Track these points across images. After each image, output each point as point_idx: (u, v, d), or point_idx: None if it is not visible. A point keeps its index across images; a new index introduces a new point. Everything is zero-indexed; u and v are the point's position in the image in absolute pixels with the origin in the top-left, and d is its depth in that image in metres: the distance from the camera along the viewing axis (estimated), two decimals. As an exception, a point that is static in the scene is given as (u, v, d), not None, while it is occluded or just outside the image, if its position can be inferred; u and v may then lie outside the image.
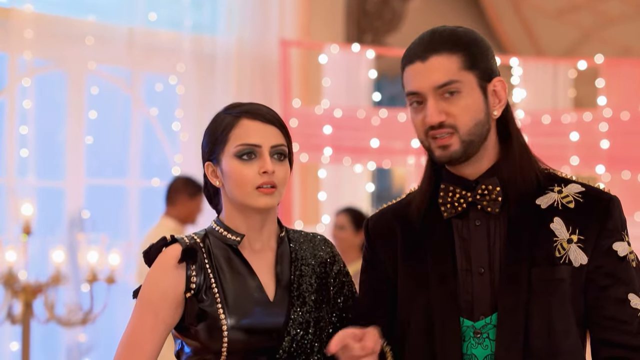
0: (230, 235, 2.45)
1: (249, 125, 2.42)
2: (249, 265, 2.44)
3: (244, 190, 2.40)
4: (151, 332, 2.38)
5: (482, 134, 2.32)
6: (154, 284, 2.40)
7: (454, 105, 2.30)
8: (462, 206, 2.34)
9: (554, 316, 2.26)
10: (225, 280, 2.41)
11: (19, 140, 6.21)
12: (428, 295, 2.33)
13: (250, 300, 2.40)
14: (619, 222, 2.32)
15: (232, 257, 2.44)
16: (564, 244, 2.29)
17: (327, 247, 2.56)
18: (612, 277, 2.28)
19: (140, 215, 6.79)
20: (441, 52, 2.30)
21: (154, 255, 2.43)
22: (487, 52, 2.34)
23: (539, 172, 2.36)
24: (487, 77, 2.32)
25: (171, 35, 6.88)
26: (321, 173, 7.27)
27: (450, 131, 2.30)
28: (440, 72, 2.30)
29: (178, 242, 2.44)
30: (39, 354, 6.34)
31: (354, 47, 7.28)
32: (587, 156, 7.26)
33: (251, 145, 2.40)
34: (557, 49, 9.29)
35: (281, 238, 2.51)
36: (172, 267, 2.39)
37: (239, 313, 2.38)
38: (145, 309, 2.39)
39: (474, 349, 2.30)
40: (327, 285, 2.50)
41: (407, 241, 2.40)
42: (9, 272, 5.39)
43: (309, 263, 2.50)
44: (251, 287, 2.42)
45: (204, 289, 2.39)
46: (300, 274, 2.47)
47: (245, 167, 2.40)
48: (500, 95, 2.34)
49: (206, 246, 2.44)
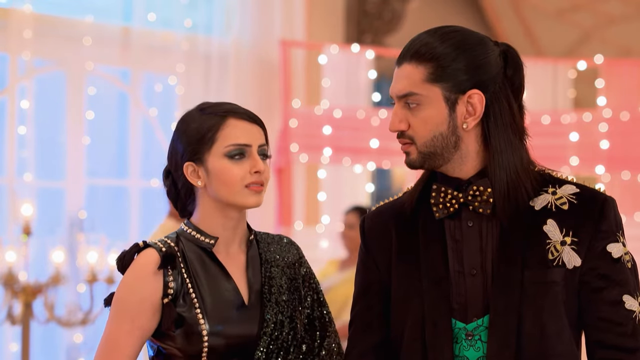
0: (203, 238, 2.44)
1: (237, 124, 2.42)
2: (224, 268, 2.44)
3: (233, 189, 2.40)
4: (128, 338, 2.36)
5: (446, 145, 2.30)
6: (130, 291, 2.38)
7: (414, 116, 2.31)
8: (454, 207, 2.33)
9: (547, 318, 2.26)
10: (201, 284, 2.41)
11: (19, 141, 6.22)
12: (421, 297, 2.32)
13: (228, 304, 2.40)
14: (614, 223, 2.31)
15: (206, 260, 2.44)
16: (557, 246, 2.29)
17: (294, 249, 2.57)
18: (606, 278, 2.28)
19: (139, 215, 6.79)
20: (411, 61, 2.30)
21: (129, 261, 2.41)
22: (471, 61, 2.29)
23: (533, 174, 2.34)
24: (460, 89, 2.29)
25: (170, 36, 6.88)
26: (321, 173, 7.27)
27: (408, 141, 2.32)
28: (404, 82, 2.31)
29: (151, 247, 2.41)
30: (38, 354, 6.34)
31: (354, 48, 7.29)
32: (586, 156, 7.26)
33: (242, 145, 2.41)
34: (556, 49, 9.28)
35: (250, 241, 2.51)
36: (149, 274, 2.38)
37: (218, 317, 2.38)
38: (121, 315, 2.37)
39: (466, 350, 2.30)
40: (298, 285, 2.51)
41: (401, 242, 2.40)
42: (9, 273, 5.40)
43: (278, 265, 2.51)
44: (227, 290, 2.42)
45: (182, 294, 2.38)
46: (270, 275, 2.48)
47: (236, 167, 2.40)
48: (476, 108, 2.30)
49: (180, 250, 2.43)
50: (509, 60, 2.36)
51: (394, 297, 2.38)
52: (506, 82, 2.34)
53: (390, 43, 8.05)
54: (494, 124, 2.32)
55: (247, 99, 6.84)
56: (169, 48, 6.86)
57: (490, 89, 2.31)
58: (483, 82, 2.30)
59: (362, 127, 7.10)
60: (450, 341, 2.29)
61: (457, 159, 2.33)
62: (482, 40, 2.34)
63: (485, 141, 2.34)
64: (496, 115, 2.32)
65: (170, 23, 6.92)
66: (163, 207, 6.05)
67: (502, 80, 2.33)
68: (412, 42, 2.33)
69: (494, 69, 2.32)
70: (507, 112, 2.33)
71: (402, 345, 2.35)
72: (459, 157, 2.33)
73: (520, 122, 2.36)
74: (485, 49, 2.32)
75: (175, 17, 6.94)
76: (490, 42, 2.36)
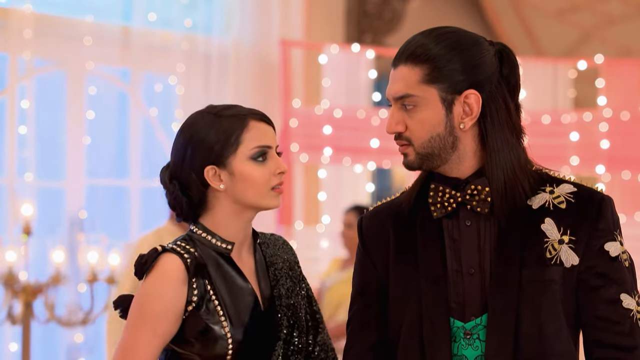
0: (220, 242, 2.42)
1: (259, 126, 2.41)
2: (241, 273, 2.43)
3: (260, 191, 2.39)
4: (147, 346, 2.31)
5: (444, 146, 2.31)
6: (154, 298, 2.32)
7: (410, 118, 2.31)
8: (451, 206, 2.33)
9: (545, 317, 2.26)
10: (221, 289, 2.39)
11: (19, 141, 6.22)
12: (419, 296, 2.33)
13: (247, 309, 2.40)
14: (611, 222, 2.31)
15: (221, 265, 2.41)
16: (555, 245, 2.29)
17: (289, 248, 2.57)
18: (603, 277, 2.28)
19: (140, 215, 6.79)
20: (406, 63, 2.31)
21: (150, 267, 2.34)
22: (467, 62, 2.29)
23: (530, 173, 2.35)
24: (456, 90, 2.29)
25: (171, 36, 6.88)
26: (321, 173, 7.27)
27: (405, 143, 2.33)
28: (400, 84, 2.31)
29: (171, 252, 2.36)
30: (39, 354, 6.34)
31: (354, 48, 7.29)
32: (587, 156, 7.25)
33: (265, 147, 2.40)
34: (557, 49, 9.28)
35: (257, 244, 2.51)
36: (174, 281, 2.32)
37: (240, 322, 2.37)
38: (143, 323, 2.32)
39: (464, 350, 2.30)
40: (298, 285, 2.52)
41: (399, 241, 2.40)
42: (9, 273, 5.40)
43: (281, 267, 2.50)
44: (246, 295, 2.41)
45: (205, 300, 2.36)
46: (277, 279, 2.47)
47: (260, 169, 2.39)
48: (472, 108, 2.31)
49: (198, 255, 2.39)
50: (504, 59, 2.37)
51: (392, 297, 2.38)
52: (502, 82, 2.35)
53: (391, 43, 8.05)
54: (491, 123, 2.33)
55: (248, 99, 6.84)
56: (169, 48, 6.86)
57: (487, 88, 2.32)
58: (479, 82, 2.31)
59: (363, 127, 7.10)
60: (448, 340, 2.29)
61: (455, 159, 2.34)
62: (477, 40, 2.35)
63: (483, 141, 2.34)
64: (493, 115, 2.33)
65: (171, 23, 6.92)
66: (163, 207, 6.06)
67: (498, 80, 2.34)
68: (407, 44, 2.34)
69: (489, 69, 2.32)
70: (504, 111, 2.34)
71: (400, 345, 2.35)
72: (457, 157, 2.33)
73: (517, 121, 2.37)
74: (481, 49, 2.33)
75: (176, 17, 6.94)
76: (485, 42, 2.37)
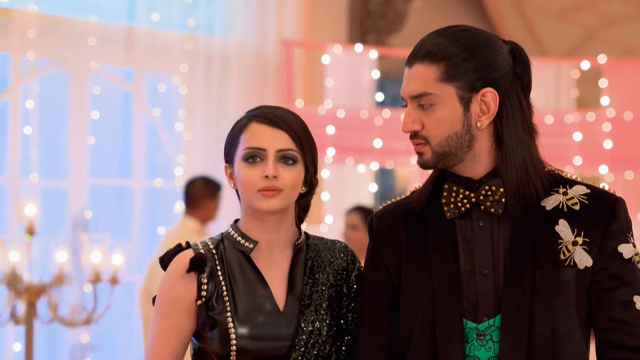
0: (244, 241, 2.45)
1: (257, 128, 2.43)
2: (260, 273, 2.44)
3: (249, 192, 2.41)
4: (165, 337, 2.41)
5: (461, 144, 2.31)
6: (164, 290, 2.43)
7: (428, 116, 2.31)
8: (465, 206, 2.33)
9: (558, 318, 2.26)
10: (237, 288, 2.41)
11: (22, 141, 6.22)
12: (432, 297, 2.32)
13: (260, 310, 2.40)
14: (624, 223, 2.31)
15: (244, 264, 2.44)
16: (568, 246, 2.29)
17: (347, 254, 2.55)
18: (617, 279, 2.28)
19: (143, 215, 6.79)
20: (423, 61, 2.30)
21: (168, 261, 2.45)
22: (482, 60, 2.30)
23: (544, 174, 2.35)
24: (473, 88, 2.29)
25: (174, 36, 6.88)
26: (324, 173, 7.26)
27: (422, 142, 2.32)
28: (417, 82, 2.31)
29: (192, 248, 2.45)
30: (42, 354, 6.33)
31: (357, 48, 7.28)
32: (590, 156, 7.25)
33: (256, 149, 2.41)
34: (560, 49, 9.28)
35: (299, 245, 2.50)
36: (182, 275, 2.41)
37: (248, 322, 2.38)
38: (158, 314, 2.43)
39: (477, 350, 2.30)
40: (342, 293, 2.49)
41: (412, 242, 2.39)
42: (13, 273, 5.39)
43: (325, 271, 2.49)
44: (261, 296, 2.42)
45: (215, 296, 2.40)
46: (313, 282, 2.46)
47: (250, 170, 2.41)
48: (489, 106, 2.30)
49: (219, 252, 2.44)
50: (517, 58, 2.37)
51: (404, 297, 2.38)
52: (516, 80, 2.34)
53: (394, 43, 8.05)
54: (507, 121, 2.33)
55: (250, 99, 6.83)
56: (172, 48, 6.86)
57: (502, 86, 2.32)
58: (495, 80, 2.31)
59: (366, 127, 7.10)
60: (461, 341, 2.29)
61: (470, 158, 2.33)
62: (491, 38, 2.35)
63: (497, 140, 2.34)
64: (508, 113, 2.33)
65: (174, 23, 6.92)
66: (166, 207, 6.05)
67: (512, 78, 2.34)
68: (422, 43, 2.33)
69: (504, 67, 2.33)
70: (518, 110, 2.34)
71: (412, 345, 2.34)
72: (472, 156, 2.33)
73: (529, 119, 2.37)
74: (495, 48, 2.33)
75: (179, 17, 6.94)
76: (499, 40, 2.37)
